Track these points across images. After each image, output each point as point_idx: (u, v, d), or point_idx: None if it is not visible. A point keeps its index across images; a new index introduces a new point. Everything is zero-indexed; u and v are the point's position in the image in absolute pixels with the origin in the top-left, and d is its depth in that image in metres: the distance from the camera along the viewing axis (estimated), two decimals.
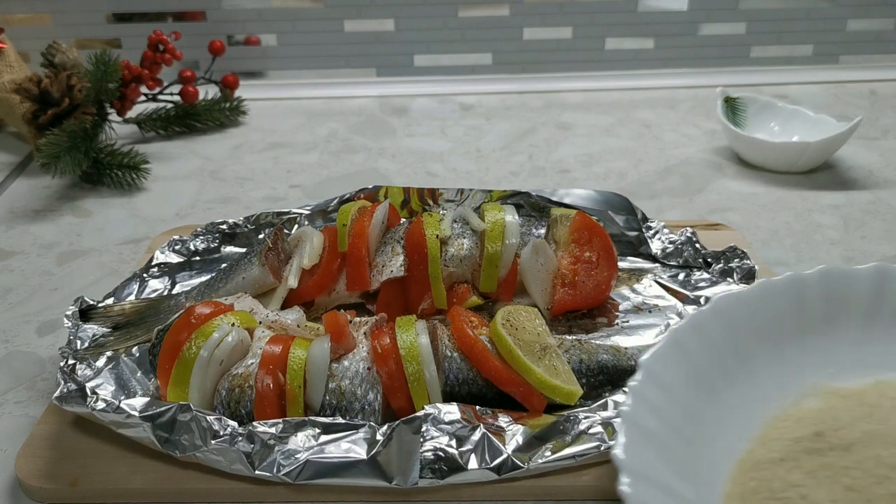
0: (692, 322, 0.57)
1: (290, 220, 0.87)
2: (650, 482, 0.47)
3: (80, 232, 0.99)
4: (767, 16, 1.42)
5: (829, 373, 0.58)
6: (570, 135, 1.22)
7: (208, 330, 0.64)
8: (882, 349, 0.58)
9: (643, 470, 0.47)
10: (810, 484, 0.49)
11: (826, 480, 0.49)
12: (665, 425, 0.51)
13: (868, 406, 0.55)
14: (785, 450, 0.53)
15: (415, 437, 0.59)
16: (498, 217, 0.76)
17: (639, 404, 0.51)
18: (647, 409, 0.51)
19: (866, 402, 0.56)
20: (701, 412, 0.54)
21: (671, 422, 0.52)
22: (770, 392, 0.57)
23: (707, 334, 0.57)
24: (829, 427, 0.54)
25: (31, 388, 0.73)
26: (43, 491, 0.61)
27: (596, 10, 1.40)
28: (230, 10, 1.39)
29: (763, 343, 0.58)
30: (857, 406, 0.55)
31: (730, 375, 0.57)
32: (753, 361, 0.58)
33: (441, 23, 1.40)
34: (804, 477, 0.50)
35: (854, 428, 0.53)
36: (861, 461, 0.50)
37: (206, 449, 0.59)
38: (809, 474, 0.50)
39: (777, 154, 1.07)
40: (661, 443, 0.50)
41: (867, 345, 0.59)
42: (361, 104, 1.36)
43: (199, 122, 1.26)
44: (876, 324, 0.59)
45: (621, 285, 0.81)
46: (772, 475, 0.51)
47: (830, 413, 0.55)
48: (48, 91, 1.11)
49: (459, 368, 0.65)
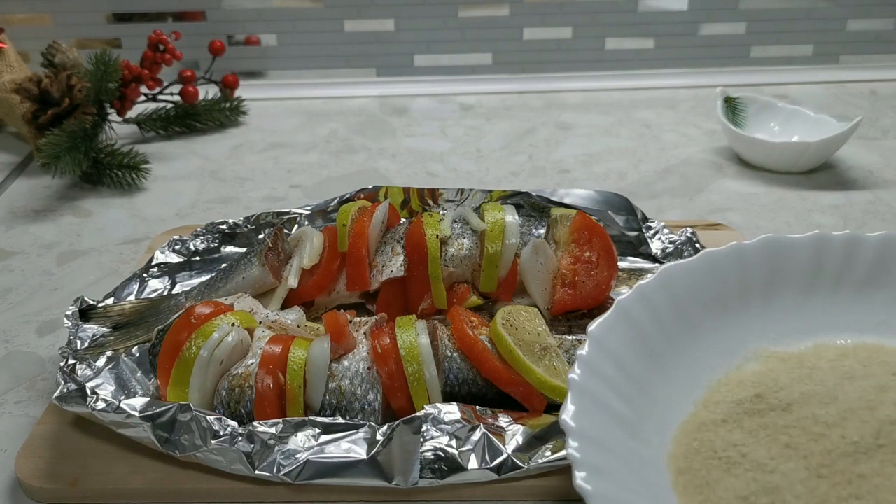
0: (638, 292, 0.59)
1: (290, 220, 0.87)
2: (598, 446, 0.48)
3: (80, 232, 0.99)
4: (767, 16, 1.42)
5: (770, 338, 0.60)
6: (570, 135, 1.22)
7: (208, 330, 0.64)
8: (821, 314, 0.60)
9: (591, 434, 0.49)
10: (750, 443, 0.51)
11: (765, 439, 0.51)
12: (612, 392, 0.53)
13: (807, 368, 0.57)
14: (727, 412, 0.54)
15: (415, 437, 0.59)
16: (498, 217, 0.76)
17: (587, 372, 0.53)
18: (595, 377, 0.53)
19: (805, 365, 0.57)
20: (647, 379, 0.56)
21: (618, 388, 0.54)
22: (713, 357, 0.59)
23: (653, 304, 0.58)
24: (769, 389, 0.55)
25: (31, 388, 0.73)
26: (43, 491, 0.61)
27: (596, 10, 1.40)
28: (230, 10, 1.39)
29: (707, 311, 0.60)
30: (796, 368, 0.57)
31: (675, 343, 0.58)
32: (697, 329, 0.59)
33: (441, 23, 1.40)
34: (744, 436, 0.52)
35: (793, 389, 0.54)
36: (799, 420, 0.52)
37: (206, 449, 0.59)
38: (749, 434, 0.52)
39: (777, 154, 1.07)
40: (609, 409, 0.52)
41: (807, 310, 0.60)
42: (361, 104, 1.36)
43: (199, 122, 1.26)
44: (815, 290, 0.61)
45: (621, 285, 0.81)
46: (714, 436, 0.52)
47: (770, 376, 0.57)
48: (48, 91, 1.11)
49: (459, 368, 0.65)
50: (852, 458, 0.48)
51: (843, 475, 0.47)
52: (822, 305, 0.61)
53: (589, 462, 0.47)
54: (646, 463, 0.51)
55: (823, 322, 0.59)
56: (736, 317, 0.60)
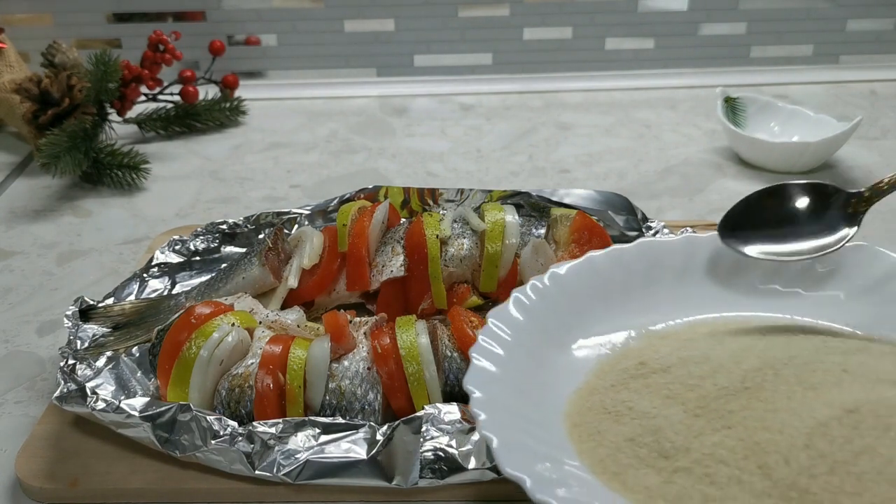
0: (531, 284, 0.67)
1: (290, 220, 0.87)
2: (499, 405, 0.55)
3: (80, 232, 0.99)
4: (767, 16, 1.42)
5: (650, 320, 0.69)
6: (570, 135, 1.22)
7: (208, 330, 0.64)
8: (693, 299, 0.70)
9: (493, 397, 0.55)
10: (635, 399, 0.58)
11: (648, 395, 0.59)
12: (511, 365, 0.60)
13: (683, 340, 0.66)
14: (615, 378, 0.62)
15: (415, 437, 0.59)
16: (498, 217, 0.76)
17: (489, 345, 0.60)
18: (495, 350, 0.60)
19: (682, 338, 0.66)
20: (543, 355, 0.63)
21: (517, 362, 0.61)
22: (601, 339, 0.67)
23: (546, 293, 0.67)
24: (651, 358, 0.63)
25: (31, 388, 0.73)
26: (43, 491, 0.61)
27: (596, 10, 1.40)
28: (230, 10, 1.39)
29: (594, 301, 0.68)
30: (673, 341, 0.66)
31: (567, 326, 0.66)
32: (587, 316, 0.68)
33: (441, 23, 1.40)
34: (631, 395, 0.59)
35: (671, 356, 0.62)
36: (677, 377, 0.59)
37: (206, 449, 0.59)
38: (635, 392, 0.59)
39: (777, 154, 1.07)
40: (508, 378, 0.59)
41: (681, 297, 0.70)
42: (361, 104, 1.36)
43: (199, 122, 1.26)
44: (686, 280, 0.71)
45: None
46: (604, 397, 0.60)
47: (652, 348, 0.65)
48: (48, 91, 1.12)
49: (459, 368, 0.65)
50: (724, 400, 0.56)
51: (715, 413, 0.55)
52: (694, 292, 0.70)
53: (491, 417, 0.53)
54: (542, 422, 0.57)
55: (695, 305, 0.69)
56: (620, 306, 0.69)
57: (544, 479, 0.50)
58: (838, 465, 0.49)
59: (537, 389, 0.60)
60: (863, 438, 0.50)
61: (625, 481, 0.52)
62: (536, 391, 0.60)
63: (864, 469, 0.48)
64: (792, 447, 0.51)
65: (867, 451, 0.49)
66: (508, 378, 0.59)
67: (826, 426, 0.51)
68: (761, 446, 0.51)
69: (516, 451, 0.51)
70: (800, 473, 0.49)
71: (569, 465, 0.53)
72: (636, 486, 0.52)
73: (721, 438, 0.53)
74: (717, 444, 0.52)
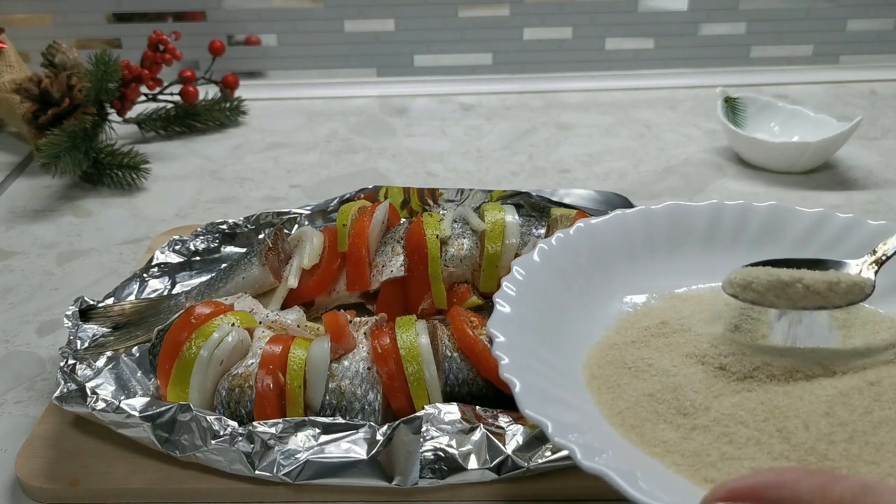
0: (558, 237, 0.67)
1: (290, 220, 0.87)
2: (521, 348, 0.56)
3: (80, 232, 0.99)
4: (767, 16, 1.42)
5: (674, 283, 0.69)
6: (570, 135, 1.22)
7: (208, 330, 0.64)
8: (717, 266, 0.67)
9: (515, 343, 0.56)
10: (656, 356, 0.59)
11: (669, 353, 0.59)
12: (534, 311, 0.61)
13: (705, 304, 0.65)
14: (636, 335, 0.62)
15: (415, 437, 0.59)
16: (498, 217, 0.76)
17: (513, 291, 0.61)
18: (520, 300, 0.61)
19: (704, 302, 0.66)
20: (566, 305, 0.64)
21: (539, 309, 0.61)
22: (625, 296, 0.67)
23: (572, 247, 0.67)
24: (672, 318, 0.63)
25: (31, 388, 0.73)
26: (43, 491, 0.61)
27: (596, 10, 1.40)
28: (230, 10, 1.39)
29: (619, 258, 0.69)
30: (695, 304, 0.66)
31: (591, 281, 0.67)
32: (610, 272, 0.68)
33: (441, 23, 1.40)
34: (651, 352, 0.59)
35: (693, 318, 0.63)
36: (698, 336, 0.60)
37: (206, 449, 0.59)
38: (655, 350, 0.60)
39: (777, 154, 1.07)
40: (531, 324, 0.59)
41: (705, 263, 0.69)
42: (361, 104, 1.36)
43: (199, 122, 1.26)
44: (712, 247, 0.71)
45: None
46: (624, 352, 0.60)
47: (674, 309, 0.65)
48: (48, 91, 1.12)
49: (459, 368, 0.65)
50: (748, 360, 0.56)
51: (735, 375, 0.56)
52: (719, 259, 0.69)
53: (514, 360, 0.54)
54: (562, 370, 0.58)
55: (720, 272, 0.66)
56: (644, 265, 0.69)
57: (564, 424, 0.50)
58: (857, 434, 0.49)
59: (557, 338, 0.60)
60: (883, 410, 0.51)
61: (642, 434, 0.53)
62: (556, 339, 0.60)
63: (883, 440, 0.49)
64: (812, 413, 0.51)
65: (887, 423, 0.50)
66: (529, 325, 0.59)
67: (847, 396, 0.52)
68: (781, 410, 0.52)
69: (537, 395, 0.52)
70: (819, 439, 0.49)
71: (587, 414, 0.54)
72: (654, 440, 0.52)
73: (741, 400, 0.53)
74: (737, 405, 0.53)
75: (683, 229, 0.71)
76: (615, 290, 0.67)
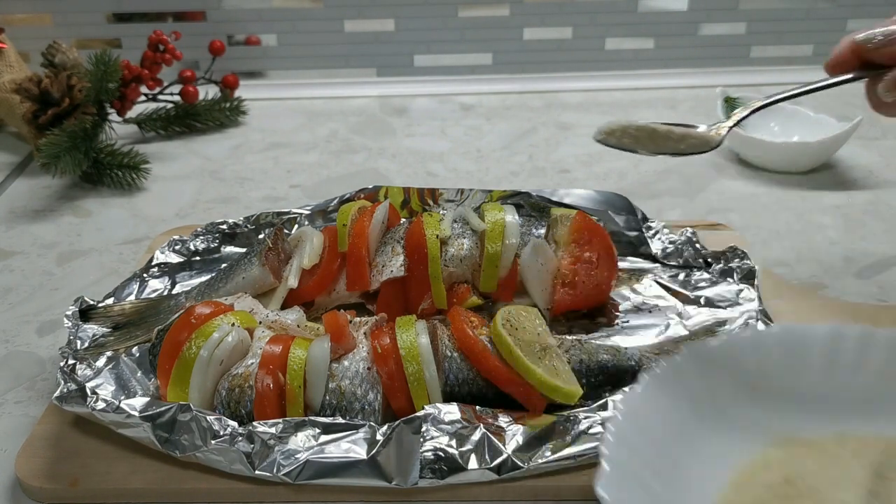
0: (671, 367, 0.60)
1: (290, 220, 0.87)
2: None
3: (80, 232, 0.99)
4: (767, 16, 1.42)
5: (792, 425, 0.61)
6: (570, 135, 1.22)
7: (208, 330, 0.64)
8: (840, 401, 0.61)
9: None
10: None
11: None
12: (645, 466, 0.54)
13: (830, 456, 0.58)
14: (756, 496, 0.55)
15: (415, 437, 0.59)
16: (498, 217, 0.76)
17: (620, 442, 0.53)
18: (628, 447, 0.53)
19: (828, 453, 0.59)
20: (678, 455, 0.57)
21: (650, 463, 0.54)
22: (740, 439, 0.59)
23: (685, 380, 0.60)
24: (797, 474, 0.57)
25: (31, 388, 0.73)
26: (43, 491, 0.61)
27: (596, 10, 1.40)
28: (230, 10, 1.39)
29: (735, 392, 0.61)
30: (819, 455, 0.59)
31: (705, 422, 0.59)
32: (727, 410, 0.60)
33: (441, 23, 1.40)
34: None
35: (820, 475, 0.56)
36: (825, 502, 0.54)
37: (206, 449, 0.59)
38: None
39: (777, 154, 1.07)
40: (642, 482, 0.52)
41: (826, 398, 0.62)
42: (361, 104, 1.36)
43: (199, 122, 1.26)
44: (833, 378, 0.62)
45: (621, 285, 0.81)
46: None
47: (797, 461, 0.58)
48: (48, 91, 1.11)
49: (459, 368, 0.65)
50: None
51: None
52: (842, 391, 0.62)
53: None
54: None
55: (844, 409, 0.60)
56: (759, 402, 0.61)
57: None
58: None
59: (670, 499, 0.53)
60: None
61: None
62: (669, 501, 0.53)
63: None
64: None
65: None
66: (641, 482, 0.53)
67: None
68: None
69: None
70: None
71: None
72: None
73: None
74: None
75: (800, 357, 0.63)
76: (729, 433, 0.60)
